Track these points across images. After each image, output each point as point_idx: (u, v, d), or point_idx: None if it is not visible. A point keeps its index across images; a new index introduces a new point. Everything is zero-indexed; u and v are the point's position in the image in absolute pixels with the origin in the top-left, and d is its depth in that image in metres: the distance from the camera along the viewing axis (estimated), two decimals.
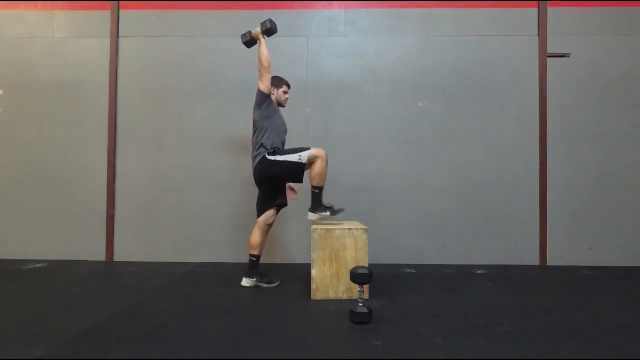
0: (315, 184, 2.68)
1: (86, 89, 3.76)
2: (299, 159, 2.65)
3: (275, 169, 2.70)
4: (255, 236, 2.82)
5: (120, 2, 3.78)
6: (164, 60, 3.77)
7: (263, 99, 2.75)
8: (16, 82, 3.77)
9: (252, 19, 3.72)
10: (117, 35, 3.77)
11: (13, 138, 3.75)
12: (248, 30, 2.89)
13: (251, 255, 2.82)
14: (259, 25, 2.80)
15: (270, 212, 2.84)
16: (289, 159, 2.67)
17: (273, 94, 2.84)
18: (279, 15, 3.76)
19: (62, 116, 3.75)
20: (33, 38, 3.80)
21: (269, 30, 2.78)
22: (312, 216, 2.70)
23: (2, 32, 3.81)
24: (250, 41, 2.89)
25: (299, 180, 2.72)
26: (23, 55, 3.78)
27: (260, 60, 2.72)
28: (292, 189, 3.03)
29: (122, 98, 3.76)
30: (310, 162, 2.66)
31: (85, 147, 3.74)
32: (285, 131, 2.93)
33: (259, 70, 2.74)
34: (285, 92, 2.90)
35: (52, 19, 3.80)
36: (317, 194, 2.70)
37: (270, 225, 2.87)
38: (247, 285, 2.80)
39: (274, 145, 2.75)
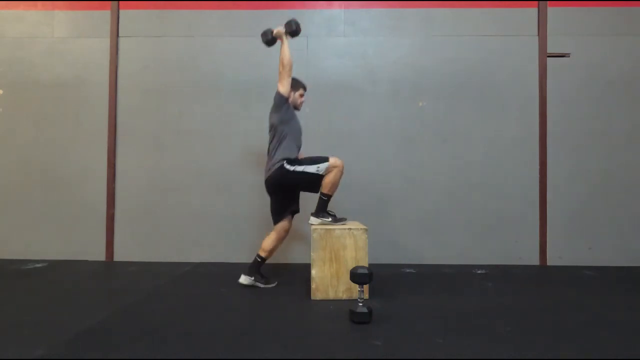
0: (325, 191, 2.67)
1: (86, 89, 3.76)
2: (317, 170, 2.62)
3: (292, 179, 2.67)
4: (270, 240, 2.80)
5: (120, 2, 3.78)
6: (164, 60, 3.76)
7: (282, 102, 2.68)
8: (16, 82, 3.77)
9: (252, 19, 3.74)
10: (117, 35, 3.77)
11: (13, 138, 3.75)
12: (269, 28, 2.76)
13: (258, 256, 2.80)
14: (283, 26, 2.69)
15: (286, 220, 2.83)
16: (307, 170, 2.63)
17: (290, 97, 2.75)
18: (279, 15, 3.74)
19: (62, 116, 3.75)
20: (33, 38, 3.80)
21: (295, 32, 2.67)
22: (314, 221, 2.68)
23: (2, 32, 3.81)
24: (271, 41, 2.76)
25: (315, 190, 2.70)
26: (23, 55, 3.78)
27: (282, 62, 2.64)
28: None
29: (122, 98, 3.76)
30: (328, 172, 2.64)
31: (85, 147, 3.74)
32: (301, 134, 2.86)
33: (280, 72, 2.66)
34: (301, 95, 2.83)
35: (52, 19, 3.80)
36: (324, 200, 2.69)
37: (287, 232, 2.86)
38: (245, 283, 2.78)
39: (293, 155, 2.70)
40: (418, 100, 3.71)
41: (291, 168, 2.65)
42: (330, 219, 2.66)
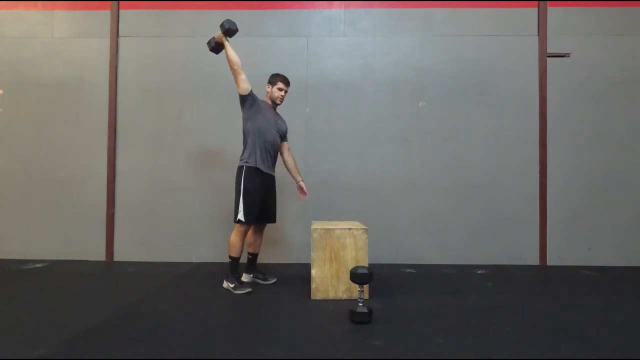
0: (229, 254, 2.73)
1: (86, 89, 3.76)
2: (238, 210, 2.65)
3: (236, 184, 2.72)
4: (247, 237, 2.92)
5: (120, 2, 3.78)
6: (164, 60, 3.76)
7: (242, 101, 2.72)
8: (16, 82, 3.77)
9: (252, 19, 3.74)
10: (117, 35, 3.77)
11: (13, 138, 3.75)
12: (212, 36, 2.77)
13: (249, 253, 3.00)
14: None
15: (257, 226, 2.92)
16: (238, 200, 2.67)
17: (268, 91, 2.85)
18: (279, 15, 3.76)
19: (62, 116, 3.75)
20: (33, 38, 3.80)
21: (228, 30, 2.62)
22: (224, 283, 2.74)
23: (2, 32, 3.81)
24: (216, 46, 2.73)
25: (235, 213, 2.68)
26: (23, 55, 3.78)
27: (229, 63, 2.65)
28: (301, 188, 2.95)
29: (122, 98, 3.76)
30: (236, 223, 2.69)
31: (85, 147, 3.74)
32: (278, 127, 2.83)
33: (232, 74, 2.68)
34: (280, 89, 2.81)
35: (52, 19, 3.80)
36: (230, 262, 2.74)
37: (255, 234, 2.96)
38: (246, 280, 2.92)
39: (254, 158, 2.70)
40: (418, 100, 3.71)
41: (242, 176, 2.68)
42: (232, 285, 2.66)
